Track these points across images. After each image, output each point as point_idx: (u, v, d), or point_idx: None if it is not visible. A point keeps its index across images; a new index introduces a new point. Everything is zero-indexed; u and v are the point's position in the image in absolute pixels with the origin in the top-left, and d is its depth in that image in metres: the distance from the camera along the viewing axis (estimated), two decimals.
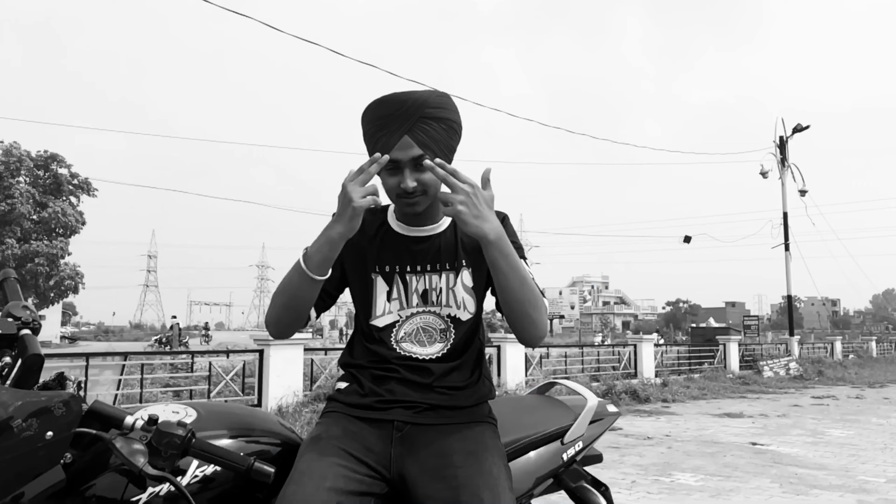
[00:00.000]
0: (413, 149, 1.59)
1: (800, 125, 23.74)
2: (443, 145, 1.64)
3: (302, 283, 1.56)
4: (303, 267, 1.55)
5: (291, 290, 1.59)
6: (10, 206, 32.60)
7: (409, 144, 1.59)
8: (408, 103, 1.61)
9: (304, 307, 1.62)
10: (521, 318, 1.56)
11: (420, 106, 1.61)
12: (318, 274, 1.55)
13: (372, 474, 1.56)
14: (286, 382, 9.08)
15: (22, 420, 1.20)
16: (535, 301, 1.55)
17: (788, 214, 23.70)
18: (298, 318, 1.65)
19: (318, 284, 1.58)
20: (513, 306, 1.55)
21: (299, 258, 1.57)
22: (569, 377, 13.49)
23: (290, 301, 1.61)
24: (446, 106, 1.66)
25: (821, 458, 6.93)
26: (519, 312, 1.56)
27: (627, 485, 5.64)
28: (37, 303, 35.65)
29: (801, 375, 18.56)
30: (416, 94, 1.63)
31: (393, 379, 1.66)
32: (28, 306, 1.50)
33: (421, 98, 1.62)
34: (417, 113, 1.60)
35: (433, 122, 1.62)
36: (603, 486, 2.09)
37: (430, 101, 1.63)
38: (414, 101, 1.61)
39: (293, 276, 1.58)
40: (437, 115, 1.62)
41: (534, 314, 1.56)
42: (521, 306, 1.54)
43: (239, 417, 1.64)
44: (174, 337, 28.46)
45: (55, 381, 1.38)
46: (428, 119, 1.61)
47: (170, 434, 1.30)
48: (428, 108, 1.61)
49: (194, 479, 1.44)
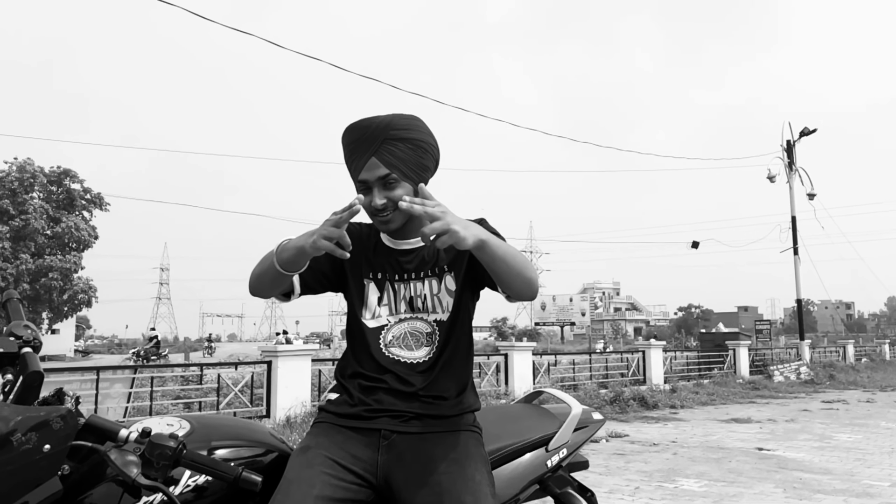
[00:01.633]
0: (379, 169, 1.69)
1: (807, 129, 23.68)
2: (411, 164, 1.72)
3: (271, 268, 1.65)
4: (274, 257, 1.64)
5: (264, 269, 1.68)
6: (25, 222, 32.97)
7: (376, 165, 1.69)
8: (372, 127, 1.71)
9: (276, 286, 1.71)
10: (521, 284, 1.62)
11: (384, 129, 1.70)
12: (284, 269, 1.63)
13: (359, 482, 1.63)
14: (294, 393, 9.16)
15: (22, 434, 1.28)
16: (525, 264, 1.62)
17: (797, 218, 23.63)
18: (271, 290, 1.73)
19: (287, 277, 1.66)
20: (513, 280, 1.61)
21: (276, 247, 1.65)
22: (576, 384, 13.51)
23: (262, 275, 1.69)
24: (413, 127, 1.74)
25: (826, 462, 6.93)
26: (519, 281, 1.62)
27: (631, 491, 5.67)
28: (51, 317, 36.01)
29: (812, 380, 18.48)
30: (380, 117, 1.73)
31: (381, 389, 1.73)
32: (29, 325, 1.58)
33: (385, 121, 1.72)
34: (382, 135, 1.70)
35: (399, 143, 1.71)
36: (589, 492, 2.15)
37: (395, 123, 1.72)
38: (378, 125, 1.71)
39: (268, 258, 1.66)
40: (402, 136, 1.71)
41: (527, 274, 1.62)
42: (519, 276, 1.61)
43: (231, 429, 1.71)
44: (151, 351, 27.11)
45: (54, 397, 1.46)
46: (393, 140, 1.70)
47: (161, 446, 1.37)
48: (392, 129, 1.71)
49: (186, 488, 1.52)
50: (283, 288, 1.75)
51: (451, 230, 1.45)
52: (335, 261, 1.78)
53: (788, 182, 23.85)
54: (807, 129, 23.71)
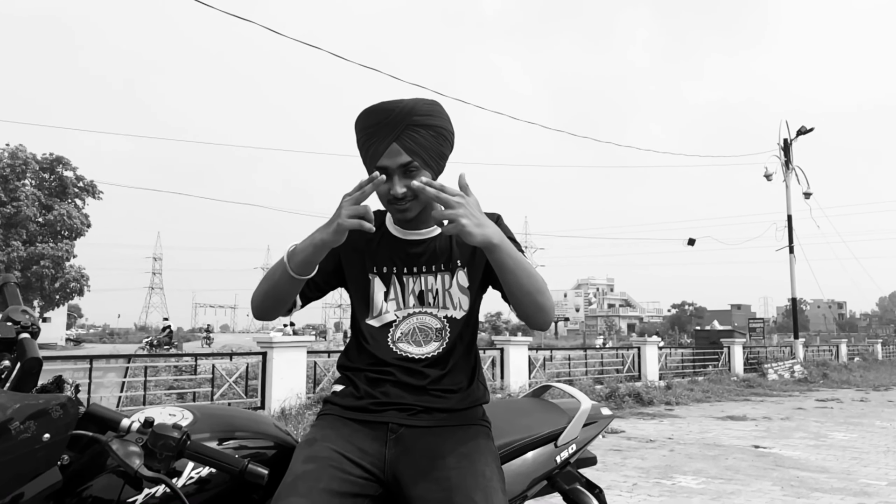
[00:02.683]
0: (401, 156, 1.62)
1: (804, 128, 23.68)
2: (432, 152, 1.66)
3: (283, 278, 1.60)
4: (286, 264, 1.58)
5: (273, 282, 1.63)
6: (16, 209, 32.77)
7: (398, 152, 1.62)
8: (395, 111, 1.63)
9: (286, 299, 1.66)
10: (531, 307, 1.59)
11: (408, 114, 1.63)
12: (298, 273, 1.58)
13: (366, 476, 1.58)
14: (289, 385, 9.11)
15: (20, 422, 1.23)
16: (541, 288, 1.58)
17: (793, 217, 23.66)
18: (278, 307, 1.68)
19: (300, 282, 1.62)
20: (522, 299, 1.57)
21: (284, 255, 1.60)
22: (572, 380, 13.49)
23: (271, 290, 1.64)
24: (435, 113, 1.68)
25: (823, 461, 6.92)
26: (529, 303, 1.58)
27: (628, 487, 5.64)
28: (42, 305, 35.84)
29: (805, 378, 18.51)
30: (403, 102, 1.66)
31: (388, 381, 1.68)
32: (27, 310, 1.52)
33: (409, 106, 1.64)
34: (405, 121, 1.63)
35: (421, 130, 1.64)
36: (597, 488, 2.11)
37: (418, 108, 1.65)
38: (402, 109, 1.63)
39: (277, 269, 1.61)
40: (426, 123, 1.65)
41: (541, 300, 1.58)
42: (530, 297, 1.57)
43: (235, 420, 1.66)
44: (164, 340, 27.31)
45: (53, 385, 1.41)
46: (416, 126, 1.64)
47: (165, 436, 1.32)
48: (416, 115, 1.64)
49: (190, 480, 1.47)
50: (289, 303, 1.69)
51: (458, 221, 1.43)
52: (337, 258, 1.74)
53: (785, 181, 23.86)
54: (804, 127, 23.70)
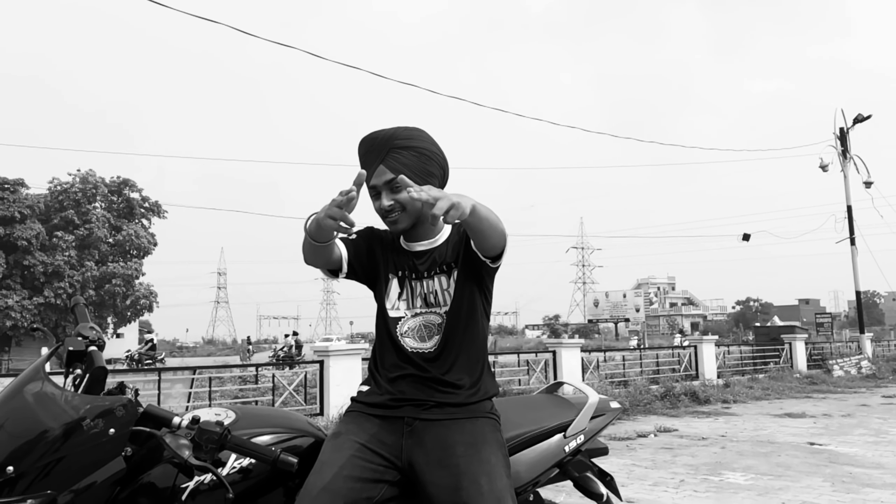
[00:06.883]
0: (386, 174, 1.91)
1: (861, 115, 22.91)
2: (416, 169, 1.92)
3: (306, 239, 1.84)
4: (304, 228, 1.82)
5: (303, 239, 1.85)
6: (89, 231, 34.34)
7: (383, 171, 1.91)
8: (378, 139, 1.94)
9: (317, 255, 1.88)
10: (496, 236, 1.81)
11: (388, 139, 1.93)
12: (314, 239, 1.82)
13: (385, 464, 1.82)
14: (346, 391, 9.42)
15: (90, 420, 1.51)
16: (498, 218, 1.81)
17: (853, 207, 22.96)
18: (315, 258, 1.90)
19: (320, 248, 1.84)
20: (492, 233, 1.79)
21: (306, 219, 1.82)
22: (626, 381, 13.48)
23: (303, 245, 1.87)
24: (415, 137, 1.97)
25: (880, 457, 6.82)
26: (495, 233, 1.80)
27: (675, 484, 5.71)
28: (115, 321, 37.41)
29: (873, 374, 17.96)
30: (385, 130, 1.96)
31: (403, 380, 1.91)
32: (94, 327, 1.81)
33: (389, 133, 1.95)
34: (387, 145, 1.93)
35: (403, 151, 1.93)
36: (608, 476, 2.28)
37: (398, 134, 1.95)
38: (383, 136, 1.94)
39: (307, 229, 1.83)
40: (406, 145, 1.93)
41: (501, 226, 1.82)
42: (495, 230, 1.80)
43: (272, 418, 1.92)
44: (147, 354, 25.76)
45: (117, 389, 1.68)
46: (399, 149, 1.93)
47: (209, 431, 1.57)
48: (396, 139, 1.94)
49: (233, 469, 1.72)
50: (330, 263, 1.94)
51: (454, 203, 1.62)
52: (372, 250, 2.01)
53: (843, 170, 23.18)
54: (861, 115, 22.93)
